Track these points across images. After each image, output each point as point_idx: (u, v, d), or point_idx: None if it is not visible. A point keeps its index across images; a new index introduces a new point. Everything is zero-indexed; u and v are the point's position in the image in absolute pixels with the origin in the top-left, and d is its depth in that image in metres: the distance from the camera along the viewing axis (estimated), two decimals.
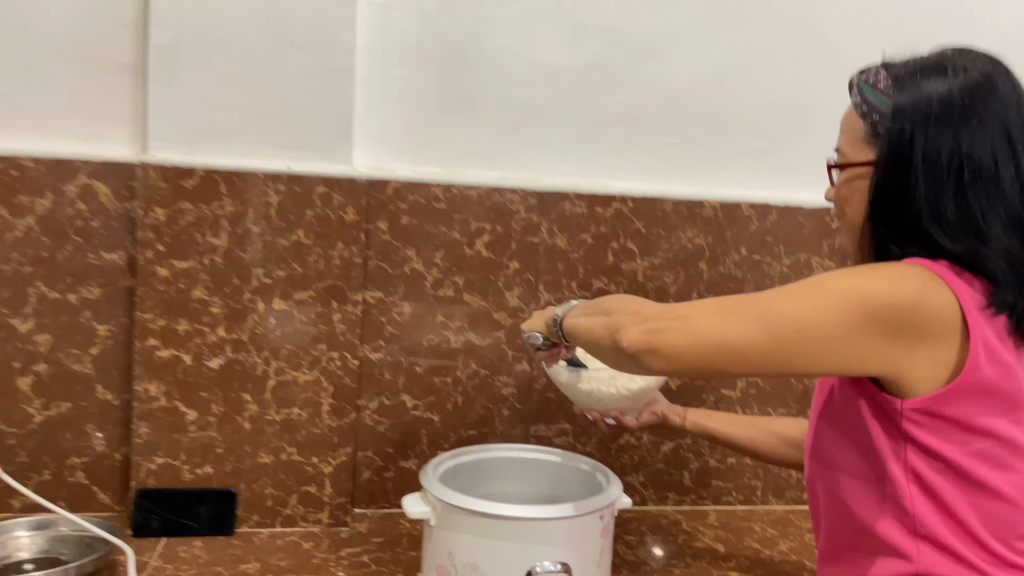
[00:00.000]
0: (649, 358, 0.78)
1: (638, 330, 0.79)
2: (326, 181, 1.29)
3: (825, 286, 0.78)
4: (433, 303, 1.40)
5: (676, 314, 0.79)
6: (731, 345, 0.76)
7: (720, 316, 0.77)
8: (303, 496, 1.33)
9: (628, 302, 0.91)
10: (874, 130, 0.87)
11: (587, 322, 0.92)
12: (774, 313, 0.77)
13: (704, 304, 0.82)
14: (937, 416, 0.78)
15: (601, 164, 1.48)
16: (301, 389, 1.32)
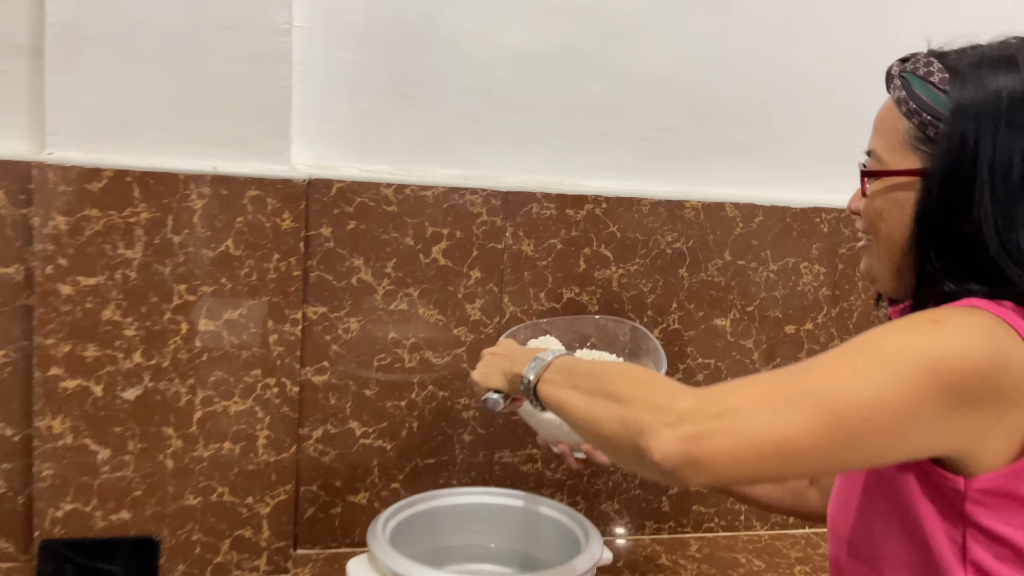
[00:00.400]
0: (689, 472, 0.61)
1: (674, 436, 0.61)
2: (259, 183, 1.12)
3: (887, 353, 0.63)
4: (384, 318, 1.24)
5: (719, 409, 0.62)
6: (789, 445, 0.60)
7: (773, 409, 0.61)
8: (237, 541, 1.17)
9: (641, 381, 0.69)
10: (923, 132, 0.73)
11: (585, 404, 0.73)
12: (837, 399, 0.61)
13: (750, 390, 0.63)
14: (1007, 495, 0.65)
15: (572, 160, 1.33)
16: (233, 421, 1.15)
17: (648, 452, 0.62)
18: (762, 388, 0.63)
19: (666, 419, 0.62)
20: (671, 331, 1.35)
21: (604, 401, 0.70)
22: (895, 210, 0.74)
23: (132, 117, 1.09)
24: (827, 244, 1.40)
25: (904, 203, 0.74)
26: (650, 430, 0.62)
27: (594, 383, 0.73)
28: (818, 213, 1.38)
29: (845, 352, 0.64)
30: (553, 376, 0.80)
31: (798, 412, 0.60)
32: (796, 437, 0.60)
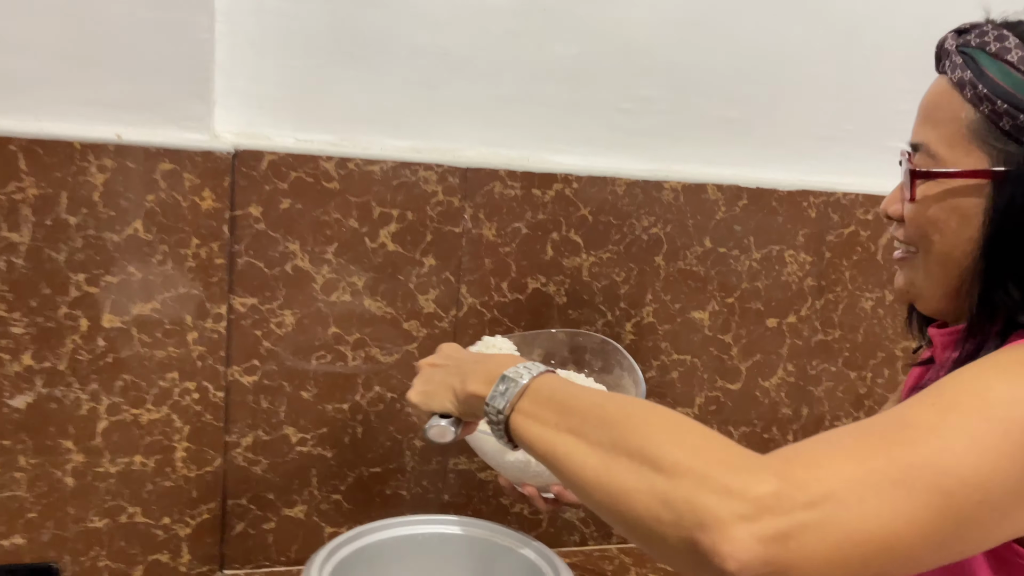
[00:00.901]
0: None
1: (753, 536, 0.45)
2: (174, 154, 0.95)
3: (995, 411, 0.50)
4: (324, 311, 1.09)
5: (810, 494, 0.46)
6: (897, 541, 0.46)
7: (878, 493, 0.46)
8: (152, 568, 1.02)
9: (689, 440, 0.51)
10: (996, 123, 0.59)
11: (598, 464, 0.52)
12: (950, 476, 0.47)
13: (845, 464, 0.47)
14: None
15: (539, 133, 1.18)
16: (145, 431, 0.99)
17: (714, 554, 0.45)
18: (860, 463, 0.47)
19: (740, 508, 0.45)
20: (645, 325, 1.23)
21: (632, 464, 0.50)
22: (955, 220, 0.61)
23: (14, 73, 0.90)
24: (814, 230, 1.28)
25: (969, 212, 0.61)
26: (717, 524, 0.45)
27: (610, 432, 0.53)
28: (805, 197, 1.26)
29: (945, 407, 0.51)
30: (535, 409, 0.60)
31: (906, 497, 0.47)
32: (904, 530, 0.46)
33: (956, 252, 0.62)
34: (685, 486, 0.47)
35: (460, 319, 1.14)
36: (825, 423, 1.35)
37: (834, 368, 1.34)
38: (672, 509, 0.47)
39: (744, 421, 1.31)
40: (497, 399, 0.62)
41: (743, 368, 1.29)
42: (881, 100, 1.31)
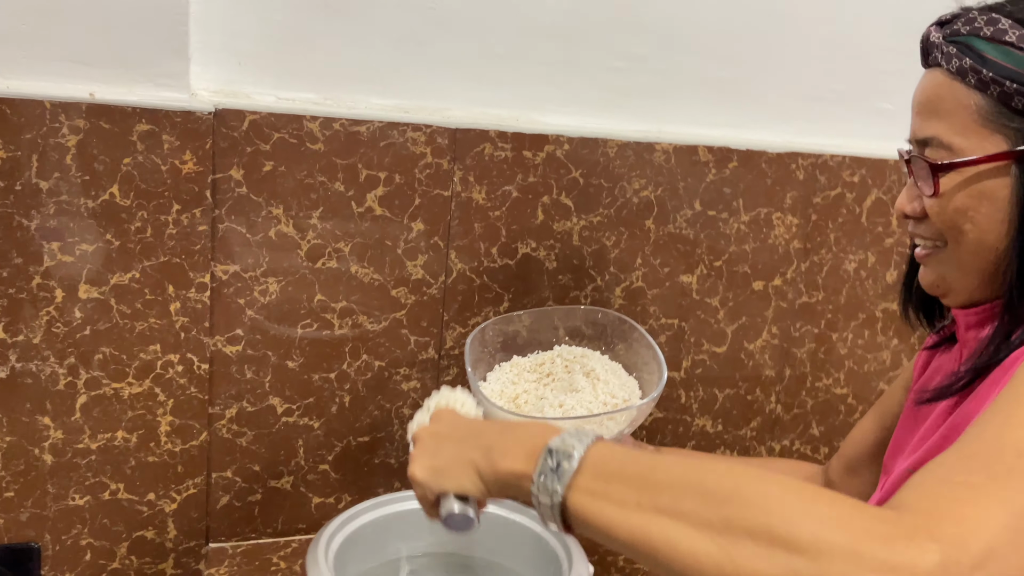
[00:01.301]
0: None
1: None
2: (150, 114, 0.90)
3: None
4: (310, 278, 1.05)
5: (972, 556, 0.42)
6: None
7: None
8: (137, 544, 0.99)
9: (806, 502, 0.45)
10: (1007, 104, 0.59)
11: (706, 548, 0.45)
12: None
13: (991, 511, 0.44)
14: None
15: (529, 92, 1.14)
16: (127, 406, 0.95)
17: None
18: (1003, 507, 0.44)
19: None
20: (634, 289, 1.21)
21: (759, 547, 0.43)
22: (985, 206, 0.61)
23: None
24: (801, 193, 1.27)
25: (997, 195, 0.60)
26: None
27: (719, 510, 0.45)
28: (794, 159, 1.25)
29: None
30: (603, 486, 0.50)
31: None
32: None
33: (990, 237, 0.61)
34: (837, 568, 0.42)
35: (449, 285, 1.12)
36: (807, 383, 1.36)
37: (816, 330, 1.35)
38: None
39: (729, 383, 1.31)
40: (548, 478, 0.52)
41: (729, 331, 1.29)
42: (869, 61, 1.29)
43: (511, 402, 0.90)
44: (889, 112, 1.32)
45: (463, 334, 1.14)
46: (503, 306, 1.15)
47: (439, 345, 1.13)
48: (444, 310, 1.12)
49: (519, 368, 0.95)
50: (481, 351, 0.95)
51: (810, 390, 1.37)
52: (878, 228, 1.34)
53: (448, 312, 1.12)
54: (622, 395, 0.89)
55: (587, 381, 0.90)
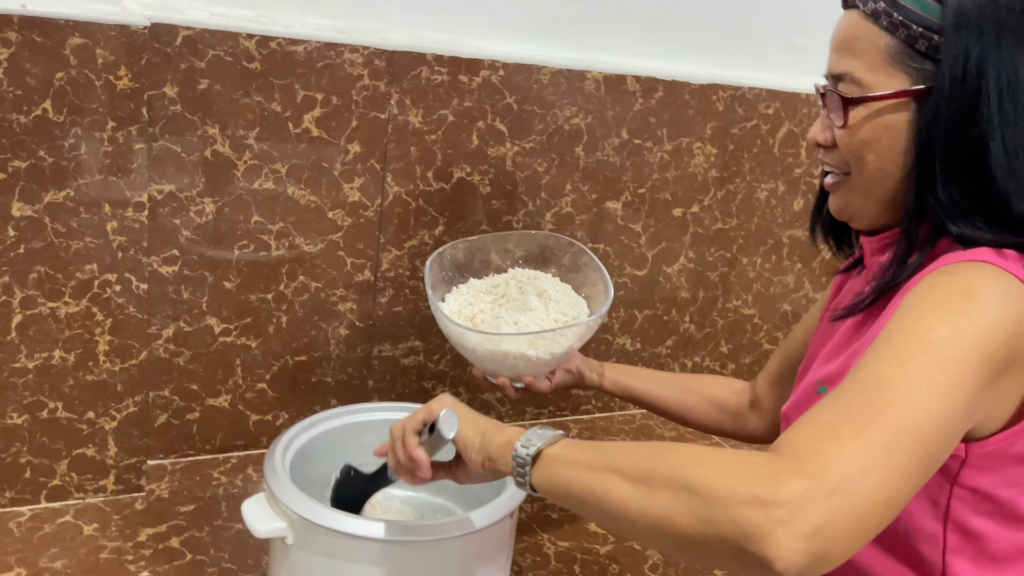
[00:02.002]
0: (815, 569, 0.50)
1: (794, 537, 0.49)
2: (83, 27, 0.87)
3: (943, 351, 0.56)
4: (246, 198, 1.05)
5: (828, 483, 0.50)
6: (899, 496, 0.52)
7: (879, 464, 0.51)
8: (77, 461, 1.00)
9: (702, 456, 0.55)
10: (912, 47, 0.65)
11: (631, 492, 0.56)
12: (925, 428, 0.53)
13: (845, 445, 0.52)
14: (1002, 455, 0.63)
15: (463, 15, 1.15)
16: (64, 325, 0.95)
17: (765, 561, 0.49)
18: (857, 440, 0.52)
19: (776, 514, 0.49)
20: (563, 215, 1.26)
21: (669, 491, 0.54)
22: (887, 137, 0.67)
23: None
24: (721, 124, 1.34)
25: (897, 128, 0.66)
26: (760, 533, 0.49)
27: (642, 464, 0.57)
28: (715, 90, 1.31)
29: (903, 359, 0.56)
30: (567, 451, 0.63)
31: (898, 457, 0.52)
32: (902, 485, 0.53)
33: (889, 166, 0.68)
34: (720, 503, 0.51)
35: (385, 208, 1.14)
36: (718, 305, 1.45)
37: (728, 255, 1.43)
38: (715, 525, 0.51)
39: (648, 304, 1.39)
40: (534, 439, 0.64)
41: (649, 256, 1.36)
42: None
43: (469, 321, 0.94)
44: (804, 48, 1.39)
45: (399, 257, 1.16)
46: (438, 230, 1.18)
47: (375, 267, 1.15)
48: (380, 233, 1.14)
49: (476, 289, 0.99)
50: (440, 274, 0.99)
51: (720, 311, 1.46)
52: (788, 159, 1.42)
53: (384, 235, 1.15)
54: (572, 313, 0.95)
55: (539, 301, 0.95)
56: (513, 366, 0.89)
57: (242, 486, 1.08)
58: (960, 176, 0.64)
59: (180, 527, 0.98)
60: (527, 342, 0.87)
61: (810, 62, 1.40)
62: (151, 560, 0.92)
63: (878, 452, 0.52)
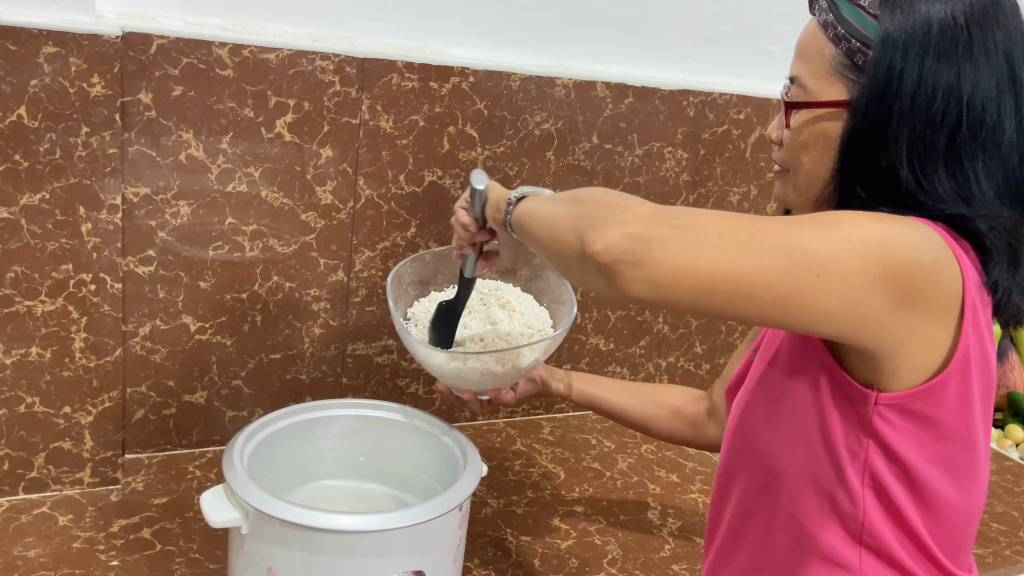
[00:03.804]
0: (630, 272, 0.56)
1: (621, 232, 0.57)
2: (57, 37, 0.90)
3: (848, 225, 0.61)
4: (220, 201, 1.09)
5: (680, 221, 0.58)
6: (743, 279, 0.57)
7: (736, 238, 0.57)
8: (54, 454, 1.03)
9: (613, 194, 0.66)
10: (851, 59, 0.67)
11: (549, 209, 0.70)
12: (797, 248, 0.58)
13: (715, 217, 0.59)
14: (912, 414, 0.66)
15: (433, 24, 1.18)
16: (40, 323, 0.98)
17: (590, 243, 0.58)
18: (727, 218, 0.59)
19: (620, 215, 0.58)
20: None
21: (568, 205, 0.66)
22: (821, 142, 0.70)
23: None
24: (692, 128, 1.36)
25: (830, 136, 0.69)
26: (600, 222, 0.58)
27: (567, 196, 0.70)
28: (686, 96, 1.34)
29: (806, 216, 0.62)
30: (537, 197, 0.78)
31: (758, 248, 0.58)
32: (752, 272, 0.57)
33: (820, 170, 0.71)
34: (590, 207, 0.62)
35: (358, 211, 1.17)
36: None
37: None
38: (576, 222, 0.62)
39: (621, 305, 1.42)
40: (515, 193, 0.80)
41: None
42: (757, 5, 1.38)
43: None
44: (775, 54, 1.42)
45: (371, 258, 1.20)
46: (410, 231, 1.21)
47: (348, 268, 1.19)
48: (353, 234, 1.18)
49: (436, 303, 1.00)
50: (400, 289, 1.00)
51: None
52: (760, 163, 1.45)
53: (357, 236, 1.18)
54: (536, 325, 0.97)
55: (503, 313, 0.97)
56: (479, 382, 0.91)
57: (216, 479, 1.11)
58: (876, 183, 0.67)
59: (152, 519, 1.02)
60: (494, 359, 0.89)
61: (780, 68, 1.42)
62: (122, 550, 0.95)
63: (740, 234, 0.58)
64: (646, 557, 1.06)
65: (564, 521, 1.12)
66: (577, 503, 1.17)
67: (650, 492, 1.23)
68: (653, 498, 1.21)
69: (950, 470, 0.68)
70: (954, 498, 0.69)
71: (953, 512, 0.70)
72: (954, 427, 0.67)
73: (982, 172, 0.65)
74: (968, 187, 0.65)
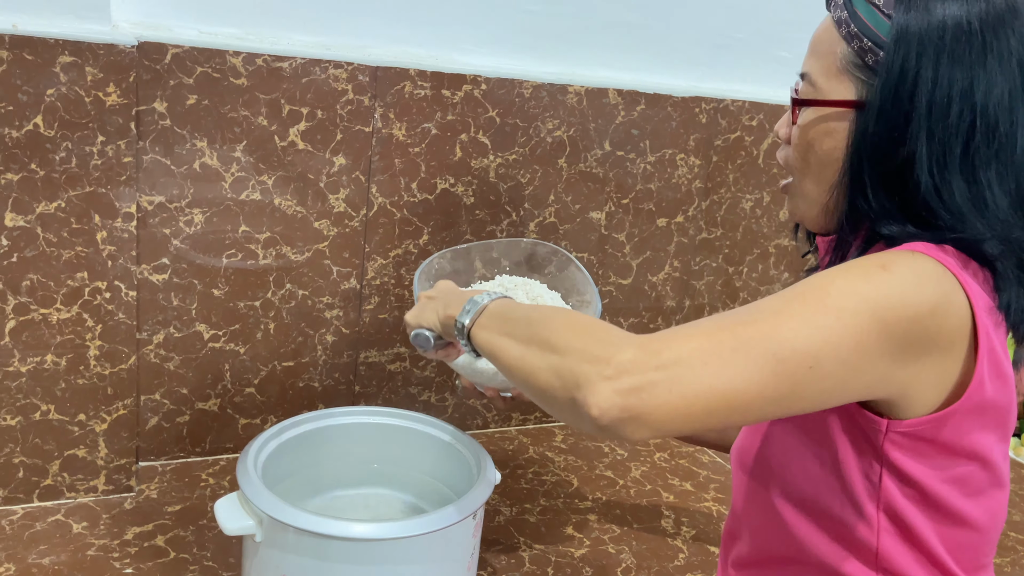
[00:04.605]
0: (629, 428, 0.57)
1: (612, 390, 0.57)
2: (73, 46, 0.91)
3: (833, 299, 0.59)
4: (234, 209, 1.09)
5: (661, 359, 0.57)
6: (735, 396, 0.56)
7: (720, 359, 0.56)
8: (69, 461, 1.03)
9: (579, 329, 0.63)
10: (862, 59, 0.67)
11: (519, 354, 0.67)
12: (783, 346, 0.57)
13: (695, 340, 0.57)
14: (925, 440, 0.65)
15: (445, 31, 1.18)
16: (56, 331, 0.99)
17: (585, 406, 0.58)
18: (707, 337, 0.58)
19: (605, 371, 0.58)
20: (547, 224, 1.29)
21: (539, 351, 0.65)
22: (828, 142, 0.69)
23: None
24: (704, 135, 1.36)
25: (838, 135, 0.68)
26: (587, 383, 0.58)
27: (529, 330, 0.67)
28: (698, 103, 1.34)
29: (791, 298, 0.60)
30: (488, 321, 0.74)
31: (744, 361, 0.57)
32: (742, 387, 0.57)
33: (828, 171, 0.70)
34: (569, 359, 0.61)
35: (370, 218, 1.17)
36: (705, 312, 1.47)
37: (715, 264, 1.46)
38: (560, 378, 0.61)
39: (633, 313, 1.41)
40: (464, 317, 0.76)
41: (634, 264, 1.39)
42: (768, 11, 1.37)
43: None
44: (787, 60, 1.41)
45: (384, 265, 1.20)
46: (422, 239, 1.21)
47: (361, 275, 1.19)
48: (365, 242, 1.18)
49: None
50: (427, 284, 1.01)
51: None
52: (773, 169, 1.44)
53: (369, 244, 1.18)
54: None
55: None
56: (500, 380, 0.91)
57: (229, 487, 1.11)
58: (888, 186, 0.66)
59: (166, 526, 1.02)
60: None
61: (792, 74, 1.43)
62: (136, 558, 0.95)
63: (723, 350, 0.57)
64: (660, 566, 1.05)
65: (578, 529, 1.12)
66: (591, 511, 1.17)
67: (664, 500, 1.22)
68: (667, 506, 1.21)
69: (967, 488, 0.67)
70: (971, 515, 0.68)
71: (971, 529, 0.69)
72: (970, 448, 0.66)
73: (995, 181, 0.64)
74: (982, 196, 0.64)
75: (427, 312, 0.83)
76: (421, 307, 0.85)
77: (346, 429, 0.94)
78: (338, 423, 0.93)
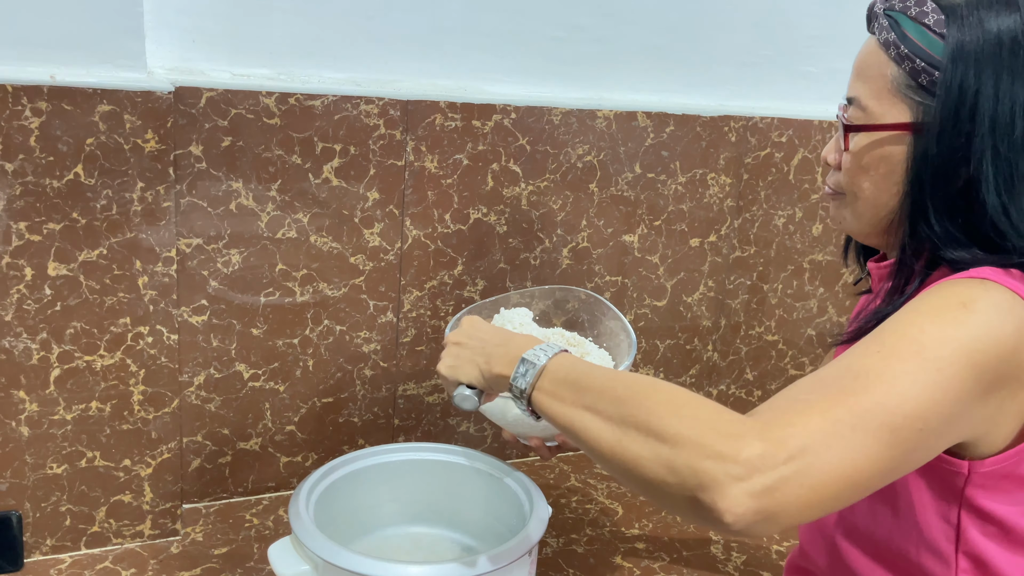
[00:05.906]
0: (763, 527, 0.53)
1: (745, 493, 0.52)
2: (111, 95, 0.92)
3: (930, 352, 0.57)
4: (270, 248, 1.09)
5: (788, 451, 0.53)
6: (860, 476, 0.54)
7: (842, 439, 0.54)
8: (115, 507, 1.03)
9: (686, 413, 0.57)
10: (915, 80, 0.66)
11: (612, 437, 0.59)
12: (896, 416, 0.55)
13: (813, 418, 0.54)
14: (1007, 477, 0.63)
15: (473, 63, 1.19)
16: (100, 377, 0.99)
17: (715, 511, 0.53)
18: (823, 415, 0.55)
19: (733, 471, 0.53)
20: (580, 249, 1.28)
21: (640, 437, 0.57)
22: (884, 167, 0.68)
23: None
24: (734, 154, 1.35)
25: (894, 159, 0.67)
26: (715, 485, 0.53)
27: (619, 409, 0.60)
28: (727, 122, 1.33)
29: (888, 354, 0.58)
30: (554, 388, 0.66)
31: (863, 438, 0.54)
32: (864, 466, 0.55)
33: (883, 196, 0.69)
34: (686, 454, 0.55)
35: (405, 251, 1.17)
36: (741, 332, 1.46)
37: (749, 282, 1.44)
38: (677, 474, 0.55)
39: (669, 335, 1.40)
40: (519, 380, 0.69)
41: (668, 286, 1.38)
42: (795, 27, 1.37)
43: None
44: (814, 75, 1.41)
45: (420, 297, 1.19)
46: (457, 270, 1.21)
47: (397, 308, 1.18)
48: (401, 275, 1.18)
49: None
50: None
51: (744, 338, 1.47)
52: (804, 185, 1.43)
53: (405, 277, 1.18)
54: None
55: None
56: (545, 427, 0.90)
57: (273, 527, 1.11)
58: (952, 209, 0.65)
59: (213, 570, 1.01)
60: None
61: (821, 89, 1.42)
62: None
63: (843, 430, 0.54)
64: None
65: (626, 559, 1.10)
66: (638, 539, 1.15)
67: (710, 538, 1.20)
68: (715, 533, 1.19)
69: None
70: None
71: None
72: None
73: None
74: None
75: (464, 364, 0.76)
76: (454, 356, 0.78)
77: (393, 467, 0.93)
78: (385, 461, 0.93)
